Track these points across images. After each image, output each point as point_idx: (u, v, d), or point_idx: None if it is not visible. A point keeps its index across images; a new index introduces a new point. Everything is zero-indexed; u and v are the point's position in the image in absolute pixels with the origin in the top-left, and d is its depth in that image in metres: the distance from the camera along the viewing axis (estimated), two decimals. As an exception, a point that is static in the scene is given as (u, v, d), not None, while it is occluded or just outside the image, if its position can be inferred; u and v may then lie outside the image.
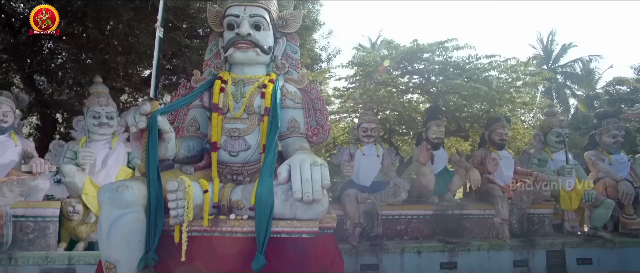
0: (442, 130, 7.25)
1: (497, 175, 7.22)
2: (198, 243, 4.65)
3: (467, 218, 6.76)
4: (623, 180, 7.25)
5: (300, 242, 4.73)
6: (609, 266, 6.90)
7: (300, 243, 4.72)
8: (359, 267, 6.26)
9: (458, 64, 7.59)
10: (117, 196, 4.21)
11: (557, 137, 7.70)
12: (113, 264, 4.16)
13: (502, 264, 6.59)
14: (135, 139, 5.01)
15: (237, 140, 5.60)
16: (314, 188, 4.54)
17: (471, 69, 7.46)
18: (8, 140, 5.77)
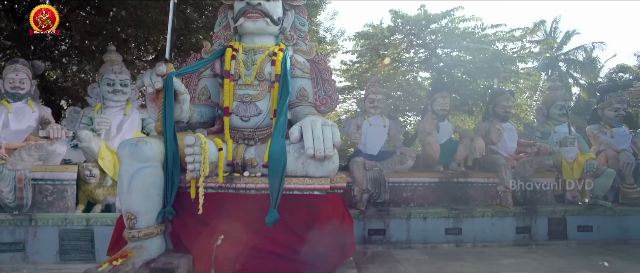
0: (447, 102, 7.31)
1: (501, 146, 7.31)
2: (213, 199, 4.77)
3: (472, 186, 6.86)
4: (624, 151, 7.31)
5: (312, 199, 4.84)
6: (609, 234, 7.01)
7: (312, 200, 4.83)
8: (366, 232, 6.39)
9: (464, 33, 7.54)
10: (136, 150, 4.32)
11: (560, 110, 7.76)
12: (134, 215, 4.28)
13: (505, 230, 6.71)
14: (151, 101, 5.09)
15: (249, 105, 5.69)
16: (326, 146, 4.64)
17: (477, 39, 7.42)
18: (25, 106, 5.86)
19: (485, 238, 6.57)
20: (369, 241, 6.30)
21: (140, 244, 4.39)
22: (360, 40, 8.47)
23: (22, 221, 5.56)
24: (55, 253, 5.57)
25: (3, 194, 5.53)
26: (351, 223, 5.32)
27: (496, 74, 7.98)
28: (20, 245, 5.53)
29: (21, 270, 5.54)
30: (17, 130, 5.75)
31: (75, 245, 5.57)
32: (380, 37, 7.79)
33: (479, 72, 7.83)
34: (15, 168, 5.56)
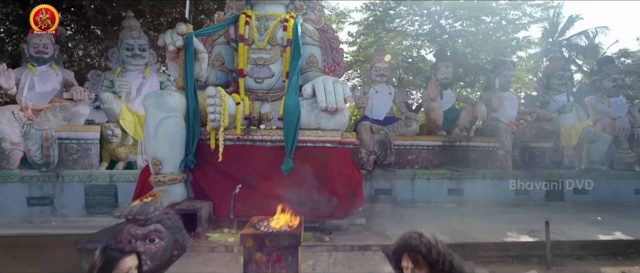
0: (450, 71, 7.49)
1: (502, 113, 7.50)
2: (231, 151, 5.01)
3: (474, 150, 7.08)
4: (619, 117, 7.51)
5: (324, 150, 5.09)
6: (603, 196, 7.24)
7: (324, 152, 5.08)
8: (373, 191, 6.65)
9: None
10: (161, 100, 4.55)
11: (560, 80, 7.94)
12: (159, 161, 4.54)
13: (505, 192, 6.93)
14: (172, 60, 5.31)
15: (262, 68, 5.91)
16: (337, 99, 4.87)
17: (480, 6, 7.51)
18: (49, 70, 6.08)
19: (485, 199, 6.81)
20: (376, 200, 6.56)
21: (166, 188, 4.65)
22: (367, 11, 8.61)
23: (50, 177, 5.83)
24: (81, 207, 5.86)
25: (31, 152, 5.80)
26: (360, 178, 5.57)
27: (498, 44, 8.13)
28: (48, 199, 5.82)
29: (50, 222, 5.85)
30: (42, 92, 5.99)
31: (100, 199, 5.86)
32: (386, 7, 7.93)
33: (482, 42, 7.98)
34: (41, 128, 5.81)
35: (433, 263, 1.46)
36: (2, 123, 5.71)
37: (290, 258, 2.32)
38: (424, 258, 1.48)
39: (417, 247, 1.50)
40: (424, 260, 1.48)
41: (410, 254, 1.51)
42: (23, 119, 5.80)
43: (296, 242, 2.32)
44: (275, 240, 2.30)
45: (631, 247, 4.64)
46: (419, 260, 1.49)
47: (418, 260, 1.49)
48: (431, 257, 1.46)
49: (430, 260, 1.46)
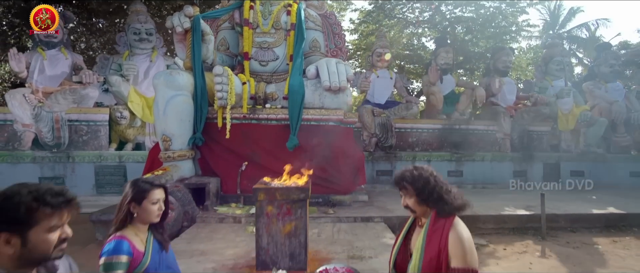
0: (450, 56, 7.59)
1: (501, 98, 7.63)
2: (238, 129, 5.16)
3: (473, 133, 7.21)
4: (616, 102, 7.64)
5: (328, 129, 5.23)
6: (599, 177, 7.33)
7: (328, 131, 5.22)
8: (375, 173, 6.80)
9: None
10: (171, 78, 4.69)
11: (558, 65, 8.04)
12: (169, 137, 4.68)
13: (503, 173, 7.08)
14: (179, 41, 5.43)
15: (267, 51, 6.04)
16: (340, 79, 5.03)
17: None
18: (59, 54, 6.19)
19: (484, 180, 6.97)
20: (377, 181, 6.71)
21: (175, 164, 4.80)
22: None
23: (61, 158, 5.98)
24: (91, 187, 6.01)
25: (43, 134, 5.94)
26: (363, 157, 5.71)
27: (498, 28, 8.22)
28: (59, 179, 5.97)
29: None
30: (52, 75, 6.11)
31: (109, 179, 6.01)
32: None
33: (482, 28, 8.07)
34: (52, 110, 5.94)
35: (418, 192, 1.59)
36: (14, 106, 5.85)
37: (299, 211, 2.47)
38: (411, 186, 1.61)
39: (406, 177, 1.64)
40: (411, 188, 1.61)
41: (400, 183, 1.65)
42: (34, 101, 5.93)
43: (305, 195, 2.46)
44: (285, 194, 2.44)
45: (624, 220, 4.79)
46: (407, 188, 1.63)
47: (406, 188, 1.63)
48: (416, 186, 1.59)
49: (415, 188, 1.60)
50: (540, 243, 4.15)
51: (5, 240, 0.95)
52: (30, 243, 0.97)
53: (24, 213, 0.96)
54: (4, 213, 0.95)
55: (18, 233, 0.96)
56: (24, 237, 0.96)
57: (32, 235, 0.97)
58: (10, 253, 0.96)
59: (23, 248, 0.97)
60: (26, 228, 0.97)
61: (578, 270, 3.28)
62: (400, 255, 1.74)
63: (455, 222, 1.56)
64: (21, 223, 0.96)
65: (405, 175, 1.66)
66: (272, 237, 2.45)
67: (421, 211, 1.64)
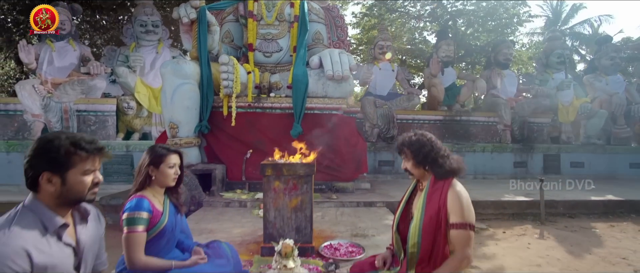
0: (451, 49, 7.67)
1: (501, 90, 7.69)
2: (243, 118, 5.26)
3: (474, 125, 7.29)
4: (616, 93, 7.69)
5: (331, 118, 5.33)
6: (599, 169, 7.45)
7: (331, 119, 5.32)
8: (377, 163, 6.89)
9: None
10: (178, 67, 4.80)
11: (559, 58, 8.09)
12: (176, 124, 4.79)
13: (504, 164, 7.17)
14: (185, 32, 5.54)
15: (271, 42, 6.14)
16: (343, 68, 5.13)
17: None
18: (67, 45, 6.31)
19: (485, 171, 7.05)
20: (380, 171, 6.81)
21: (182, 151, 4.91)
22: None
23: (69, 148, 6.11)
24: (100, 176, 6.14)
25: (51, 124, 6.06)
26: (365, 146, 5.80)
27: (499, 20, 8.28)
28: (68, 168, 6.10)
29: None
30: (60, 67, 6.23)
31: (117, 168, 6.13)
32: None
33: (483, 21, 8.13)
34: (60, 101, 6.06)
35: (415, 155, 1.69)
36: (24, 96, 5.98)
37: (305, 186, 2.57)
38: (409, 150, 1.72)
39: (405, 142, 1.74)
40: (409, 151, 1.72)
41: (400, 147, 1.76)
42: (43, 92, 6.05)
43: (311, 171, 2.56)
44: (292, 170, 2.54)
45: (621, 207, 4.87)
46: (406, 152, 1.73)
47: (405, 152, 1.73)
48: (413, 149, 1.69)
49: (412, 152, 1.70)
50: (539, 227, 4.23)
51: (48, 178, 1.06)
52: (68, 183, 1.09)
53: (63, 156, 1.07)
54: (45, 154, 1.06)
55: (58, 174, 1.07)
56: (63, 177, 1.08)
57: (70, 176, 1.09)
58: (51, 191, 1.07)
59: (62, 188, 1.08)
60: (65, 170, 1.08)
61: (575, 249, 3.37)
62: (403, 219, 1.84)
63: (453, 183, 1.67)
64: (60, 164, 1.07)
65: (405, 140, 1.77)
66: (279, 211, 2.55)
67: (419, 174, 1.74)
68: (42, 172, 1.06)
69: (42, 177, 1.06)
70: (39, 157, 1.06)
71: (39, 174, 1.06)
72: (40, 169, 1.06)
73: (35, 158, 1.07)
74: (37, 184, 1.07)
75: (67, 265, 1.10)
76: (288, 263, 2.18)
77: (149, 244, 1.63)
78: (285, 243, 2.24)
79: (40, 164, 1.06)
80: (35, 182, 1.07)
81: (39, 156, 1.07)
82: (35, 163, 1.06)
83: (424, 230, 1.60)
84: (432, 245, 1.58)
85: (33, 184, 1.08)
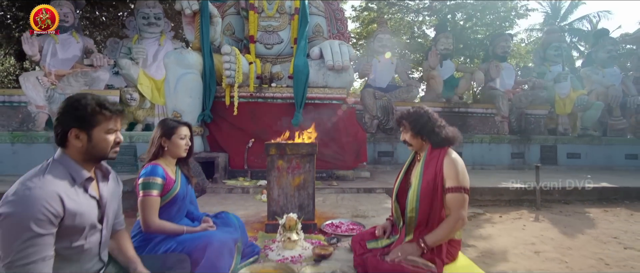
0: (449, 42, 7.75)
1: (499, 82, 7.78)
2: (245, 107, 5.35)
3: (472, 116, 7.39)
4: (612, 85, 7.79)
5: (331, 107, 5.43)
6: (595, 160, 7.56)
7: (331, 109, 5.42)
8: (376, 154, 6.99)
9: None
10: (181, 57, 4.89)
11: (556, 51, 8.19)
12: (179, 113, 4.87)
13: (501, 155, 7.28)
14: (188, 23, 5.61)
15: (272, 34, 6.23)
16: (343, 58, 5.22)
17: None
18: (70, 37, 6.38)
19: (483, 162, 7.15)
20: (379, 162, 6.91)
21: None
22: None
23: (73, 138, 6.19)
24: (103, 166, 6.22)
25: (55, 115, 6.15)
26: (364, 136, 5.90)
27: (497, 14, 8.36)
28: (73, 158, 6.19)
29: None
30: (64, 59, 6.29)
31: (120, 159, 6.18)
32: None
33: (481, 15, 8.21)
34: (64, 93, 6.13)
35: (412, 126, 1.80)
36: (28, 88, 6.04)
37: (307, 165, 2.66)
38: (407, 121, 1.82)
39: (404, 115, 1.85)
40: (407, 123, 1.82)
41: (400, 120, 1.86)
42: (47, 84, 6.11)
43: (313, 150, 2.65)
44: (295, 149, 2.64)
45: (616, 194, 4.98)
46: (405, 124, 1.83)
47: (404, 124, 1.84)
48: (410, 120, 1.80)
49: (410, 123, 1.80)
50: (534, 212, 4.34)
51: (76, 134, 1.16)
52: (93, 140, 1.18)
53: (89, 114, 1.17)
54: (74, 112, 1.16)
55: (85, 130, 1.17)
56: (89, 134, 1.18)
57: (95, 133, 1.19)
58: (79, 146, 1.17)
59: (88, 144, 1.18)
60: (91, 127, 1.18)
61: (568, 230, 3.48)
62: (402, 189, 1.94)
63: (449, 151, 1.77)
64: (87, 121, 1.17)
65: (403, 113, 1.88)
66: (282, 189, 2.65)
67: (417, 144, 1.84)
68: (71, 128, 1.16)
69: (71, 133, 1.16)
70: (68, 114, 1.16)
71: (68, 130, 1.16)
72: (69, 126, 1.16)
73: (64, 115, 1.16)
74: (66, 140, 1.17)
75: (93, 215, 1.19)
76: (292, 236, 2.29)
77: (161, 211, 1.73)
78: (289, 216, 2.34)
79: (69, 121, 1.16)
80: (64, 138, 1.17)
81: (68, 113, 1.16)
82: (64, 120, 1.16)
83: (421, 195, 1.70)
84: (429, 209, 1.68)
85: (62, 140, 1.18)
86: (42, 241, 1.01)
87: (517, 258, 2.74)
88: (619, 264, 2.60)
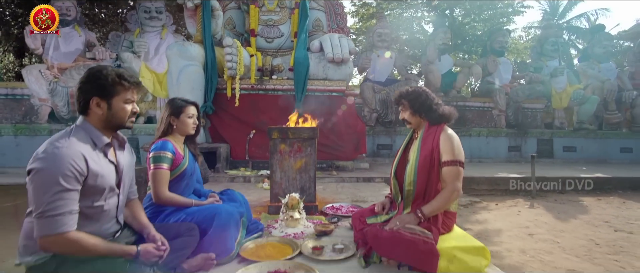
0: (448, 37, 7.82)
1: (496, 76, 7.87)
2: (246, 99, 5.44)
3: (469, 110, 7.48)
4: (608, 80, 7.90)
5: (331, 99, 5.53)
6: (591, 154, 7.68)
7: (331, 101, 5.51)
8: (376, 146, 7.08)
9: None
10: (183, 49, 4.96)
11: (553, 46, 8.28)
12: (182, 104, 4.98)
13: (499, 148, 7.38)
14: (190, 17, 5.68)
15: (272, 28, 6.31)
16: (343, 51, 5.31)
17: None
18: (72, 31, 6.43)
19: (480, 155, 7.25)
20: (378, 154, 7.00)
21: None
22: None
23: (76, 131, 6.25)
24: (106, 158, 6.29)
25: (58, 108, 6.20)
26: (364, 128, 5.98)
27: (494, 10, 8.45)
28: (75, 151, 6.26)
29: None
30: (66, 52, 6.35)
31: (123, 151, 6.29)
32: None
33: (479, 11, 8.29)
34: (67, 86, 6.19)
35: (411, 104, 1.88)
36: (31, 81, 6.11)
37: (309, 149, 2.74)
38: (406, 100, 1.90)
39: (403, 94, 1.93)
40: (406, 101, 1.90)
41: (399, 99, 1.95)
42: (49, 77, 6.18)
43: (314, 134, 2.74)
44: (296, 133, 2.72)
45: (609, 183, 5.09)
46: (404, 103, 1.92)
47: (403, 103, 1.92)
48: (410, 99, 1.88)
49: (409, 101, 1.89)
50: (529, 200, 4.44)
51: (97, 103, 1.24)
52: (113, 109, 1.27)
53: (110, 84, 1.25)
54: (96, 81, 1.24)
55: (105, 99, 1.25)
56: (109, 103, 1.26)
57: (115, 102, 1.27)
58: (99, 114, 1.26)
59: (108, 112, 1.27)
60: (110, 96, 1.26)
61: (562, 216, 3.58)
62: (400, 166, 2.03)
63: (445, 128, 1.86)
64: (108, 91, 1.26)
65: (402, 92, 1.97)
66: (285, 172, 2.73)
67: (415, 122, 1.93)
68: (92, 96, 1.24)
69: (92, 101, 1.24)
70: (90, 84, 1.24)
71: (90, 99, 1.24)
72: (91, 94, 1.24)
73: (87, 84, 1.25)
74: (88, 108, 1.25)
75: (111, 179, 1.28)
76: (294, 214, 2.37)
77: (171, 186, 1.81)
78: (292, 196, 2.43)
79: (91, 90, 1.24)
80: (86, 106, 1.25)
81: (90, 82, 1.24)
82: (86, 88, 1.24)
83: (419, 169, 1.78)
84: (426, 183, 1.77)
85: (84, 108, 1.26)
86: (69, 195, 1.10)
87: (511, 239, 2.84)
88: (609, 244, 2.69)
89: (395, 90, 7.17)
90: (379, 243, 1.62)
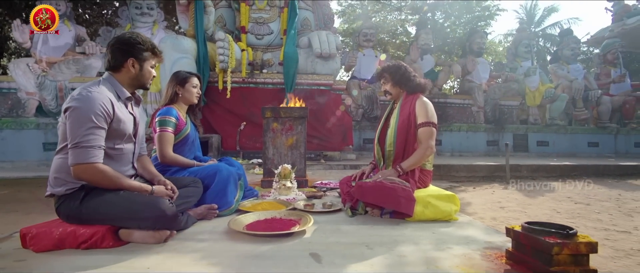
0: (429, 37, 8.22)
1: (475, 75, 8.29)
2: (237, 92, 5.61)
3: (450, 106, 7.85)
4: (575, 79, 8.45)
5: (319, 93, 5.76)
6: (561, 148, 8.17)
7: (319, 94, 5.75)
8: (361, 141, 7.34)
9: None
10: (177, 42, 5.10)
11: (526, 48, 8.80)
12: (174, 95, 5.10)
13: (478, 143, 7.77)
14: (182, 12, 5.84)
15: (262, 26, 6.51)
16: (330, 47, 5.56)
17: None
18: (62, 25, 6.41)
19: (461, 149, 7.61)
20: (364, 148, 7.25)
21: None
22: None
23: (65, 124, 6.24)
24: (95, 152, 6.30)
25: (46, 101, 6.19)
26: (350, 121, 6.23)
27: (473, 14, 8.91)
28: (64, 144, 6.24)
29: (67, 165, 6.26)
30: (55, 46, 6.35)
31: (112, 144, 6.31)
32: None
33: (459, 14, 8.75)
34: (55, 79, 6.20)
35: (392, 76, 2.12)
36: (18, 75, 6.08)
37: (299, 127, 2.95)
38: (387, 73, 2.15)
39: (385, 68, 2.18)
40: (388, 75, 2.15)
41: (382, 74, 2.19)
42: (37, 70, 6.16)
43: (304, 113, 2.94)
44: (288, 112, 2.92)
45: (575, 170, 5.48)
46: (386, 76, 2.16)
47: (385, 76, 2.17)
48: (391, 72, 2.12)
49: (390, 74, 2.13)
50: (504, 184, 4.76)
51: (132, 63, 1.43)
52: (143, 70, 1.47)
53: (146, 49, 1.44)
54: (136, 46, 1.43)
55: (139, 61, 1.43)
56: (141, 65, 1.45)
57: (145, 65, 1.46)
58: (132, 73, 1.45)
59: (139, 73, 1.46)
60: (144, 60, 1.45)
61: (531, 194, 3.89)
62: (382, 133, 2.26)
63: (420, 96, 2.10)
64: (144, 55, 1.44)
65: (384, 67, 2.21)
66: (277, 149, 2.92)
67: (396, 93, 2.17)
68: (130, 57, 1.42)
69: (129, 61, 1.43)
70: (131, 46, 1.42)
71: (127, 59, 1.42)
72: (129, 55, 1.42)
73: (127, 46, 1.43)
74: (122, 66, 1.43)
75: (130, 127, 1.45)
76: (286, 183, 2.57)
77: (174, 150, 1.98)
78: (284, 166, 2.62)
79: (131, 51, 1.43)
80: (120, 65, 1.42)
81: (131, 45, 1.42)
82: (127, 49, 1.43)
83: (398, 131, 2.02)
84: (404, 143, 2.01)
85: (118, 66, 1.43)
86: (98, 132, 1.27)
87: (485, 211, 3.11)
88: (568, 212, 3.00)
89: (379, 86, 7.49)
90: (363, 192, 1.83)
